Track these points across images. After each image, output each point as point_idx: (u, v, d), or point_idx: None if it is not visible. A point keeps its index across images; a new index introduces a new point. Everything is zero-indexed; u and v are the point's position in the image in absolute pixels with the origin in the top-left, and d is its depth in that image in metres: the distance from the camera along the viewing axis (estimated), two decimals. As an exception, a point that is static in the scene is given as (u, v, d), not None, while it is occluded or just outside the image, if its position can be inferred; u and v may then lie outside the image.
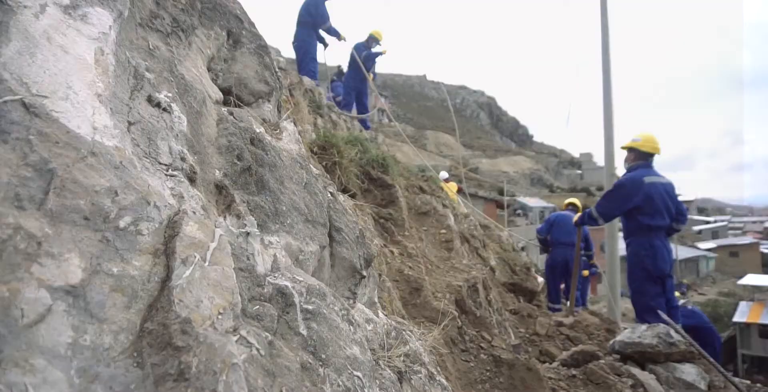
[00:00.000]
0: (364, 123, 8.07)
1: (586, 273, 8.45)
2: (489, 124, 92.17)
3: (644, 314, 4.18)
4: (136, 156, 0.74)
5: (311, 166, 1.25)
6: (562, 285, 7.03)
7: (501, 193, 43.70)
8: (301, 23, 7.19)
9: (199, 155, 0.88)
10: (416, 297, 3.47)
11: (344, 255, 1.23)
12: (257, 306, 0.75)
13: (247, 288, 0.77)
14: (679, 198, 4.59)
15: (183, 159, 0.83)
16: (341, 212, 1.28)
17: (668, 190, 4.39)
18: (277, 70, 1.34)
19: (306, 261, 1.06)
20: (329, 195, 1.26)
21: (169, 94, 0.88)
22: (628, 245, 4.48)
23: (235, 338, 0.64)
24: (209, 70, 1.18)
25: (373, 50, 8.55)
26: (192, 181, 0.83)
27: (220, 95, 1.09)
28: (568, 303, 7.33)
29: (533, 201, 46.39)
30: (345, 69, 9.19)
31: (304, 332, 0.80)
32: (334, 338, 0.85)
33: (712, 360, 3.44)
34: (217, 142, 0.95)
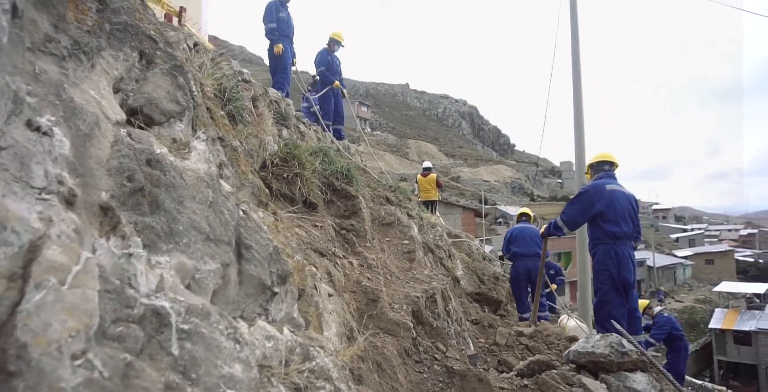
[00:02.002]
0: (338, 133, 8.09)
1: (554, 286, 8.56)
2: (471, 133, 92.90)
3: (605, 322, 4.22)
4: (3, 180, 0.75)
5: (223, 184, 1.26)
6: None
7: (482, 201, 44.01)
8: None
9: (83, 178, 0.90)
10: (373, 309, 3.49)
11: (252, 272, 1.25)
12: (121, 328, 0.76)
13: (112, 310, 0.78)
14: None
15: (60, 182, 0.84)
16: (253, 229, 1.30)
17: (630, 200, 4.44)
18: (193, 89, 1.36)
19: (204, 279, 1.07)
20: (241, 213, 1.28)
21: (53, 118, 0.89)
22: (593, 254, 4.52)
23: (78, 362, 0.66)
24: (119, 90, 1.20)
25: (336, 53, 8.58)
26: (69, 203, 0.85)
27: (122, 116, 1.11)
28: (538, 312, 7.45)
29: (514, 210, 46.73)
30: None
31: (176, 352, 0.82)
32: (211, 357, 0.87)
33: (662, 369, 3.51)
34: (108, 163, 0.97)
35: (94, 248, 0.85)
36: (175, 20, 6.18)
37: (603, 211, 4.24)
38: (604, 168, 4.62)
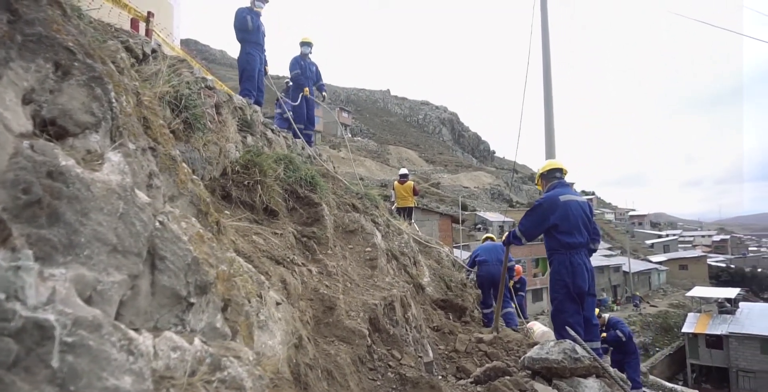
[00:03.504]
0: (308, 138, 8.09)
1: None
2: (451, 140, 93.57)
3: (562, 331, 4.29)
4: None
5: (138, 196, 1.27)
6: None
7: (462, 207, 44.30)
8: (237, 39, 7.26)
9: (-27, 191, 0.91)
10: (329, 316, 3.50)
11: (166, 283, 1.25)
12: (-8, 342, 0.77)
13: (-16, 324, 0.79)
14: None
15: (-56, 195, 0.85)
16: (170, 240, 1.31)
17: (584, 208, 4.52)
18: (112, 100, 1.37)
19: (107, 291, 1.08)
20: (157, 224, 1.29)
21: (-59, 131, 0.90)
22: (550, 263, 4.61)
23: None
24: (31, 101, 1.20)
25: (311, 57, 8.62)
26: (-46, 217, 0.86)
27: (27, 128, 1.11)
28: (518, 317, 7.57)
29: (493, 216, 47.16)
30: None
31: (56, 365, 0.83)
32: (96, 369, 0.88)
33: (613, 374, 3.58)
34: (3, 176, 0.97)
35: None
36: (142, 25, 6.16)
37: (557, 223, 4.33)
38: (556, 175, 4.72)
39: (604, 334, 8.04)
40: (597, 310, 5.70)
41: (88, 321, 0.92)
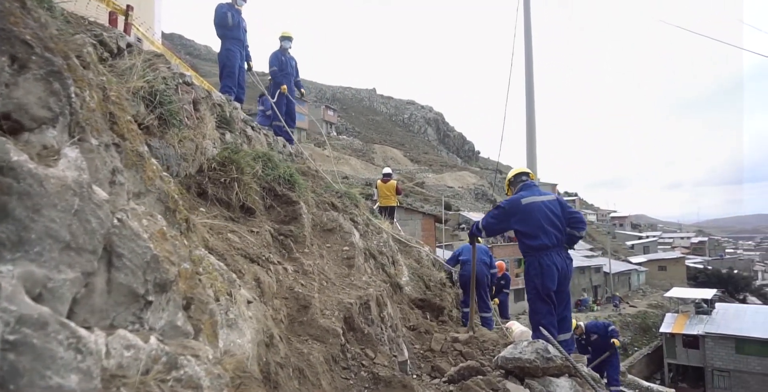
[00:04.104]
0: (288, 135, 8.05)
1: (496, 301, 8.81)
2: (436, 140, 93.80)
3: (536, 331, 4.35)
4: None
5: (96, 192, 1.25)
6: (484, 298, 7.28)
7: (446, 207, 44.45)
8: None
9: None
10: (303, 315, 3.49)
11: (122, 280, 1.24)
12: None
13: None
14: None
15: None
16: (128, 238, 1.29)
17: (551, 206, 4.50)
18: (72, 95, 1.35)
19: (58, 289, 1.07)
20: (115, 221, 1.27)
21: None
22: (524, 265, 4.68)
23: None
24: (-16, 94, 1.18)
25: (290, 53, 8.58)
26: None
27: (-22, 122, 1.10)
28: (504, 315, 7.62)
29: (477, 216, 47.39)
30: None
31: (-4, 363, 0.82)
32: (39, 367, 0.87)
33: (584, 374, 3.62)
34: (-51, 171, 0.96)
35: None
36: (122, 19, 6.07)
37: (518, 228, 4.38)
38: (522, 179, 4.79)
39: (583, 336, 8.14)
40: (574, 322, 5.74)
41: (33, 319, 0.91)
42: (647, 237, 79.20)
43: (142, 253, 1.32)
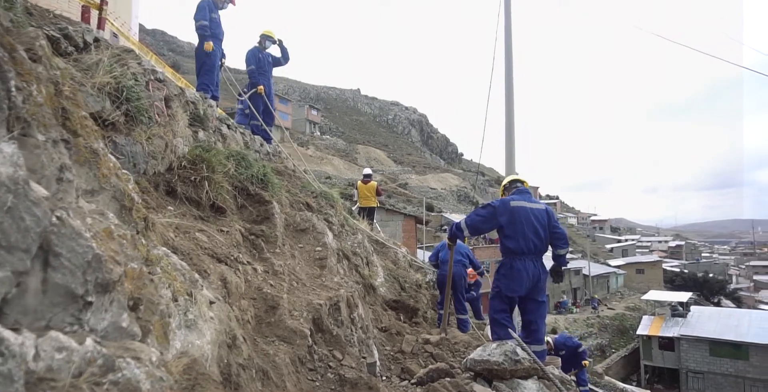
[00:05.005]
0: (266, 134, 7.98)
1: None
2: (420, 141, 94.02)
3: (493, 324, 4.34)
4: None
5: (34, 189, 1.22)
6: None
7: (428, 208, 44.57)
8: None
9: None
10: (271, 316, 3.45)
11: (59, 280, 1.20)
12: None
13: None
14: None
15: None
16: (68, 236, 1.26)
17: (536, 214, 4.48)
18: (12, 90, 1.31)
19: (-15, 288, 1.03)
20: (54, 219, 1.24)
21: None
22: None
23: None
24: None
25: (268, 50, 8.52)
26: None
27: None
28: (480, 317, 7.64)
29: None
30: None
31: None
32: (-50, 371, 0.83)
33: (551, 376, 3.64)
34: None
35: None
36: (94, 13, 5.96)
37: (504, 226, 4.37)
38: (517, 185, 4.79)
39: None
40: (548, 339, 5.72)
41: (-52, 321, 0.87)
42: (626, 240, 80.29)
43: (82, 253, 1.28)
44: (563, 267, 4.65)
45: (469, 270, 8.56)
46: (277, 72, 9.49)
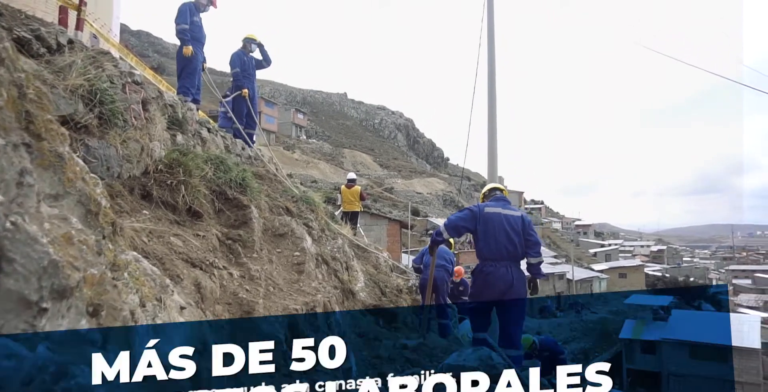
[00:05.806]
0: (249, 137, 7.95)
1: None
2: (406, 146, 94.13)
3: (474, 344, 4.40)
4: None
5: (-11, 193, 1.20)
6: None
7: (414, 212, 44.61)
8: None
9: None
10: (246, 321, 3.43)
11: (12, 286, 1.19)
12: None
13: None
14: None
15: None
16: (22, 242, 1.24)
17: (510, 220, 4.50)
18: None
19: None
20: (8, 224, 1.22)
21: None
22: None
23: None
24: None
25: (252, 54, 8.51)
26: None
27: None
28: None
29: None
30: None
31: None
32: None
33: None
34: None
35: None
36: (73, 14, 5.89)
37: (477, 231, 4.43)
38: (495, 193, 4.85)
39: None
40: (530, 339, 5.68)
41: None
42: (609, 245, 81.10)
43: (38, 258, 1.27)
44: (539, 279, 4.67)
45: (457, 268, 8.57)
46: (262, 75, 9.48)
